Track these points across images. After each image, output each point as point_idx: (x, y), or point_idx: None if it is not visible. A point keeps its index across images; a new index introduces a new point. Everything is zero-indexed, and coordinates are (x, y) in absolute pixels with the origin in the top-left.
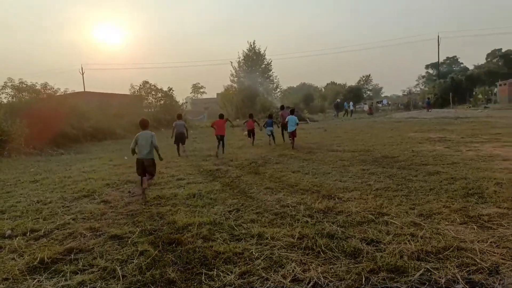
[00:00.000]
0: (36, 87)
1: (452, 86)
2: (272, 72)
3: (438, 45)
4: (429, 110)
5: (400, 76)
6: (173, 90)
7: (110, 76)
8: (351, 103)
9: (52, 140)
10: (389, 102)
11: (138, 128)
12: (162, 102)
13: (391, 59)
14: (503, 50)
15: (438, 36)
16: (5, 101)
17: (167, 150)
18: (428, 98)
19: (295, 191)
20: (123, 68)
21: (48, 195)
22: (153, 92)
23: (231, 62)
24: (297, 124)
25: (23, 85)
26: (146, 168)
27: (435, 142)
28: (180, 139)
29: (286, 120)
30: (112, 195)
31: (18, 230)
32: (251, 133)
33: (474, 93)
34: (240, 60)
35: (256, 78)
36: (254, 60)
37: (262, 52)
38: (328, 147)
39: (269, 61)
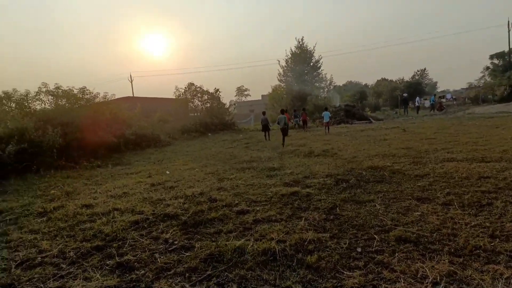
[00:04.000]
0: (73, 92)
1: None
2: (322, 70)
3: (509, 30)
4: None
5: (455, 69)
6: (220, 91)
7: (158, 83)
8: (417, 99)
9: (90, 151)
10: (454, 97)
11: (182, 133)
12: (208, 104)
13: (444, 52)
14: None
15: (509, 22)
16: (38, 108)
17: (217, 158)
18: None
19: (462, 251)
20: (165, 74)
21: (44, 246)
22: (198, 95)
23: (279, 61)
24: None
25: (59, 90)
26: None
27: None
28: (266, 127)
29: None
30: (139, 248)
31: None
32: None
33: None
34: (288, 58)
35: (305, 76)
36: (302, 58)
37: (310, 48)
38: (436, 154)
39: (319, 57)
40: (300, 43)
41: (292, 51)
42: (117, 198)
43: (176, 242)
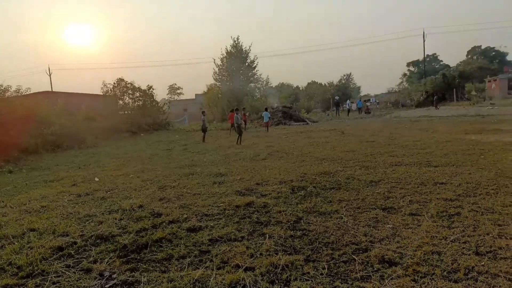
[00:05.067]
0: None
1: (444, 82)
2: (257, 70)
3: (424, 41)
4: (437, 107)
5: (376, 75)
6: (153, 89)
7: (82, 79)
8: (348, 102)
9: (0, 154)
10: (377, 101)
11: (111, 133)
12: (140, 102)
13: (367, 58)
14: (482, 47)
15: (424, 33)
16: None
17: (154, 162)
18: (436, 94)
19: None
20: (92, 68)
21: None
22: (129, 91)
23: (214, 60)
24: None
25: None
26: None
27: None
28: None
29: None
30: (65, 286)
31: None
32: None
33: (465, 89)
34: (223, 57)
35: (241, 76)
36: (238, 57)
37: (246, 48)
38: (382, 158)
39: (255, 58)
40: (236, 42)
41: (227, 50)
42: (33, 214)
43: (114, 276)
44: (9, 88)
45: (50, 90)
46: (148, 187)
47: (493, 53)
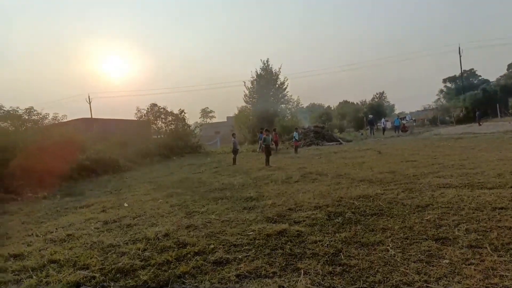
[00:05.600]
0: (18, 113)
1: (484, 98)
2: (287, 91)
3: (460, 56)
4: (480, 123)
5: (410, 92)
6: (185, 113)
7: (120, 105)
8: (383, 120)
9: (36, 179)
10: (413, 118)
11: (145, 157)
12: (172, 126)
13: (399, 75)
14: None
15: (459, 48)
16: None
17: (183, 186)
18: (478, 110)
19: None
20: (129, 95)
21: None
22: (162, 116)
23: (244, 82)
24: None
25: (0, 110)
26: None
27: None
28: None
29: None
30: None
31: None
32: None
33: (509, 105)
34: (253, 79)
35: (271, 98)
36: (267, 79)
37: (275, 70)
38: (426, 179)
39: (285, 79)
40: (265, 64)
41: (257, 72)
42: (57, 244)
43: None
44: (47, 116)
45: (90, 117)
46: (175, 213)
47: None
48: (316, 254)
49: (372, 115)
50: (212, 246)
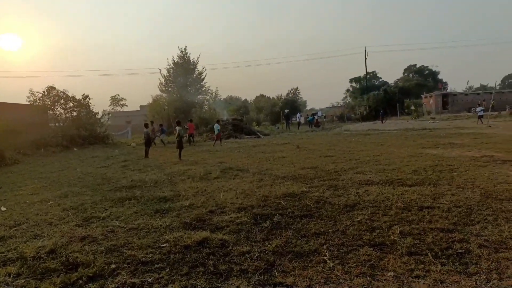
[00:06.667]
0: None
1: (385, 98)
2: (205, 82)
3: (365, 58)
4: (384, 121)
5: (320, 90)
6: (89, 98)
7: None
8: (299, 115)
9: None
10: (324, 115)
11: (38, 147)
12: (75, 113)
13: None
14: (417, 66)
15: (365, 51)
16: None
17: (83, 183)
18: (383, 109)
19: None
20: (21, 76)
21: None
22: (62, 101)
23: (160, 70)
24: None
25: None
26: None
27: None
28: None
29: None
30: None
31: None
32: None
33: (405, 105)
34: (170, 67)
35: (188, 87)
36: (185, 68)
37: (194, 59)
38: (347, 175)
39: (203, 69)
40: (183, 52)
41: (174, 60)
42: None
43: None
44: None
45: None
46: (69, 219)
47: (427, 71)
48: (245, 270)
49: (288, 110)
50: (113, 266)
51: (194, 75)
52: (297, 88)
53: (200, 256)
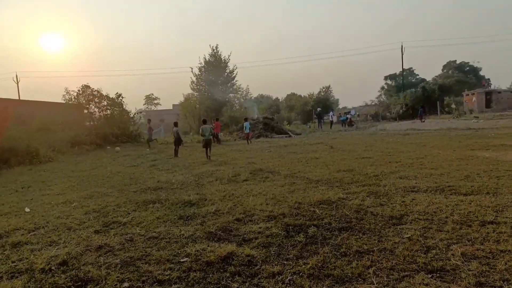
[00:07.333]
0: None
1: (423, 95)
2: (236, 81)
3: (402, 54)
4: (423, 120)
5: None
6: (122, 97)
7: (54, 87)
8: (331, 113)
9: None
10: (358, 113)
11: (73, 146)
12: (108, 112)
13: (343, 71)
14: (457, 62)
15: (402, 46)
16: None
17: (110, 184)
18: (422, 107)
19: None
20: (62, 76)
21: None
22: (96, 99)
23: (191, 68)
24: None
25: None
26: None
27: None
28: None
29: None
30: None
31: None
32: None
33: (444, 103)
34: (201, 66)
35: (219, 86)
36: (216, 66)
37: (225, 57)
38: (389, 180)
39: (234, 67)
40: (215, 51)
41: (205, 59)
42: None
43: None
44: None
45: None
46: (89, 224)
47: (467, 68)
48: None
49: (320, 109)
50: (125, 285)
51: (225, 74)
52: (329, 86)
53: (223, 276)
